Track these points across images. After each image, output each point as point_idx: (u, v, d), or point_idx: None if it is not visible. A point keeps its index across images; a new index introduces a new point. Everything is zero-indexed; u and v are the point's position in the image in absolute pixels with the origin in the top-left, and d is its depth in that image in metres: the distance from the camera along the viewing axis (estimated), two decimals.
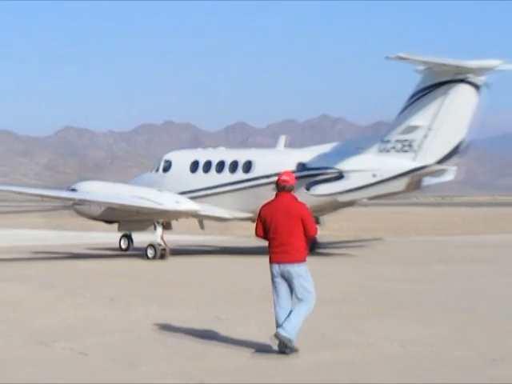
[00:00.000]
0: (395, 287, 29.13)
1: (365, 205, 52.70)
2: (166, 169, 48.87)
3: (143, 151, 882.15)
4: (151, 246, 43.42)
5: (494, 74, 41.62)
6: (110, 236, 54.01)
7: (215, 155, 48.99)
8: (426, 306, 24.47)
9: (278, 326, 17.04)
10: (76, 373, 15.86)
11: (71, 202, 49.35)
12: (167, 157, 50.13)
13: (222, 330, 20.36)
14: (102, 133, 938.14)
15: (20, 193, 61.19)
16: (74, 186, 48.02)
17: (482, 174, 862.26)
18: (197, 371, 15.71)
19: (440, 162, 40.64)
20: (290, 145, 51.43)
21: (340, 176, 42.66)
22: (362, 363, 16.32)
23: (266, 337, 18.99)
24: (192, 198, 46.37)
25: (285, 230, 16.97)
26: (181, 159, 49.61)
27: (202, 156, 49.30)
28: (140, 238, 47.21)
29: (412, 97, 41.79)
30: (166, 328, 20.80)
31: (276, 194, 17.38)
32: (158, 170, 49.59)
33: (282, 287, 17.29)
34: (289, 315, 17.00)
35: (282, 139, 49.12)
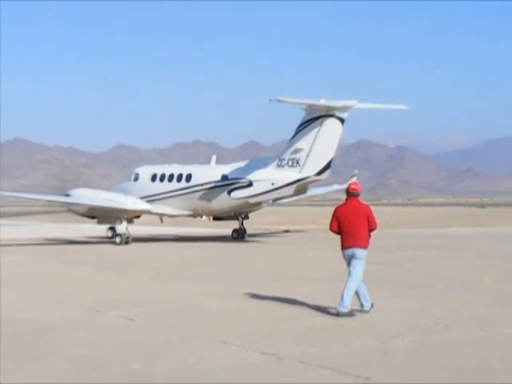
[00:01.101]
0: (372, 268, 29.05)
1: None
2: (136, 179, 52.97)
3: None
4: (118, 235, 47.81)
5: (352, 111, 45.54)
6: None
7: (168, 169, 53.02)
8: (396, 283, 24.46)
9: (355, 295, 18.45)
10: (125, 334, 16.01)
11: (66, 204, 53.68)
12: (136, 170, 54.52)
13: (238, 302, 20.45)
14: (146, 149, 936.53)
15: (22, 197, 65.41)
16: (68, 192, 52.37)
17: (438, 181, 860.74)
18: (219, 333, 15.80)
19: (317, 174, 45.06)
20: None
21: (250, 184, 47.05)
22: (345, 327, 16.34)
23: (275, 307, 19.08)
24: (151, 201, 50.83)
25: (355, 225, 18.44)
26: (145, 172, 53.58)
27: (159, 170, 53.45)
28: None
29: (298, 127, 45.79)
30: (195, 299, 20.97)
31: (346, 199, 18.88)
32: (130, 180, 53.64)
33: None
34: (344, 290, 18.25)
35: (214, 158, 54.12)
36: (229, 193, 47.55)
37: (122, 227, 47.96)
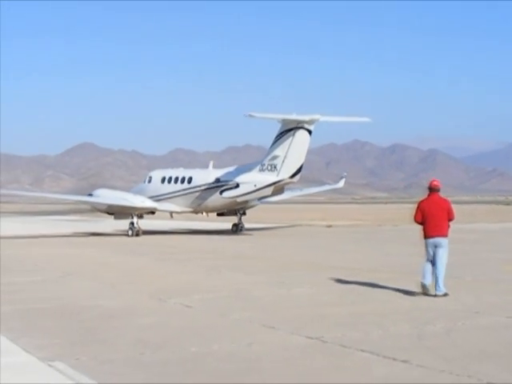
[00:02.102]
0: (405, 260, 28.95)
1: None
2: (149, 181, 56.26)
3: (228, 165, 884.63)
4: (131, 228, 51.19)
5: (317, 124, 48.50)
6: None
7: (175, 173, 55.84)
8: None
9: (424, 278, 19.39)
10: (184, 319, 16.07)
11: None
12: (150, 174, 58.01)
13: (286, 291, 20.43)
14: (202, 153, 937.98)
15: (45, 197, 70.18)
16: (91, 192, 57.19)
17: (467, 180, 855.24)
18: (268, 318, 15.80)
19: (291, 177, 48.21)
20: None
21: (237, 186, 50.19)
22: (382, 313, 16.28)
23: (318, 295, 19.05)
24: (161, 199, 54.07)
25: (437, 217, 19.57)
26: (156, 175, 56.64)
27: (168, 173, 56.13)
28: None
29: (276, 137, 48.67)
30: (246, 288, 20.98)
31: (429, 194, 19.96)
32: (145, 182, 56.87)
33: (431, 252, 19.50)
34: (436, 275, 19.28)
35: (211, 163, 56.46)
36: (221, 193, 51.11)
37: (133, 221, 51.66)
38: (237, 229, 53.63)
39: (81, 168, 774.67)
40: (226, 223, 57.35)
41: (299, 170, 48.03)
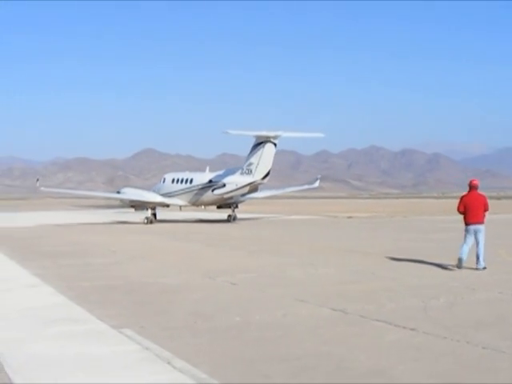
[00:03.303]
0: (415, 245, 28.80)
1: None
2: (164, 181, 58.76)
3: None
4: (146, 217, 54.17)
5: (280, 138, 52.82)
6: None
7: (182, 175, 58.63)
8: (433, 256, 24.05)
9: (462, 255, 20.58)
10: (230, 294, 16.11)
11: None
12: (164, 176, 60.36)
13: (314, 271, 20.43)
14: (244, 157, 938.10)
15: (79, 195, 75.23)
16: (119, 190, 61.79)
17: (465, 179, 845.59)
18: (300, 294, 15.80)
19: (262, 178, 52.31)
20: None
21: (224, 185, 54.02)
22: (394, 289, 16.22)
23: (340, 274, 19.04)
24: (171, 196, 57.05)
25: (476, 208, 21.01)
26: (168, 176, 59.34)
27: (176, 175, 59.05)
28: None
29: (252, 149, 52.62)
30: (282, 268, 20.97)
31: (469, 190, 21.32)
32: (160, 182, 59.24)
33: (471, 236, 20.96)
34: (477, 253, 20.76)
35: (207, 168, 58.50)
36: (212, 191, 54.89)
37: (147, 213, 54.95)
38: (231, 218, 56.10)
39: (144, 170, 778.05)
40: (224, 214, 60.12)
41: (268, 174, 52.70)
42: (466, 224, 21.06)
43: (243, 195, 55.56)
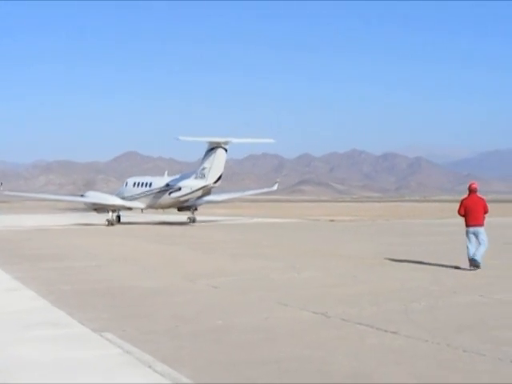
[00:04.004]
0: (396, 249, 28.91)
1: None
2: (126, 185, 61.42)
3: (249, 172, 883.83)
4: (107, 220, 56.21)
5: (231, 144, 55.41)
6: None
7: (142, 179, 60.99)
8: (415, 260, 24.17)
9: (471, 256, 21.17)
10: (211, 297, 16.09)
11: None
12: (127, 180, 62.74)
13: (296, 274, 20.47)
14: (226, 160, 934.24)
15: (44, 199, 79.51)
16: (82, 193, 64.63)
17: (447, 183, 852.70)
18: (281, 297, 15.83)
19: (214, 182, 54.72)
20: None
21: (179, 189, 56.18)
22: (376, 293, 16.27)
23: (322, 278, 19.05)
24: (133, 199, 59.31)
25: (476, 210, 21.65)
26: (130, 180, 61.76)
27: (138, 179, 61.41)
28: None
29: (205, 154, 55.03)
30: (263, 272, 20.96)
31: (469, 194, 21.91)
32: (123, 186, 61.88)
33: (473, 238, 21.53)
34: (476, 252, 21.14)
35: (166, 172, 61.56)
36: (169, 194, 57.00)
37: (108, 215, 57.10)
38: (190, 220, 58.48)
39: (126, 173, 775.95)
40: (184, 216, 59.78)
41: (220, 178, 55.09)
42: (467, 226, 21.73)
43: (199, 198, 57.67)
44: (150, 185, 58.92)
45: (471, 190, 21.93)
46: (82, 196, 63.01)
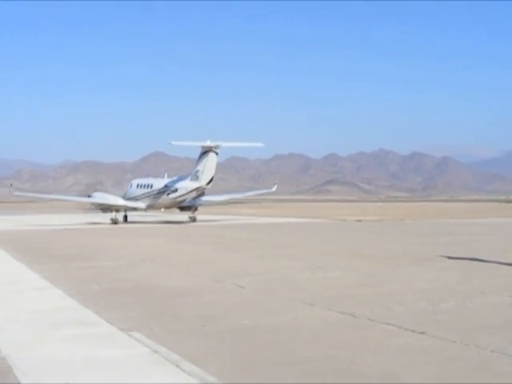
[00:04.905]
0: (423, 249, 28.78)
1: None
2: (131, 186, 65.40)
3: (275, 172, 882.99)
4: (111, 219, 60.43)
5: (221, 148, 59.49)
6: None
7: (145, 181, 65.01)
8: (444, 260, 24.09)
9: None
10: (238, 297, 16.15)
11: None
12: (131, 181, 67.18)
13: (322, 274, 20.43)
14: (253, 159, 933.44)
15: (54, 199, 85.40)
16: (90, 194, 68.76)
17: (474, 183, 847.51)
18: (309, 297, 15.83)
19: (207, 184, 58.62)
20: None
21: (176, 190, 60.12)
22: (403, 293, 16.22)
23: (349, 278, 19.01)
24: (136, 200, 62.93)
25: None
26: (134, 182, 66.05)
27: (141, 181, 65.34)
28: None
29: (199, 157, 59.16)
30: (289, 272, 20.98)
31: None
32: (129, 187, 65.57)
33: None
34: None
35: (166, 174, 64.30)
36: (167, 194, 60.62)
37: (112, 214, 61.23)
38: (191, 220, 61.95)
39: (153, 172, 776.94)
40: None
41: (211, 180, 58.91)
42: None
43: (196, 198, 61.99)
44: (151, 186, 62.81)
45: None
46: (89, 197, 67.20)
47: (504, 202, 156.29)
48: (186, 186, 59.51)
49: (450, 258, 24.96)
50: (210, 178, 58.60)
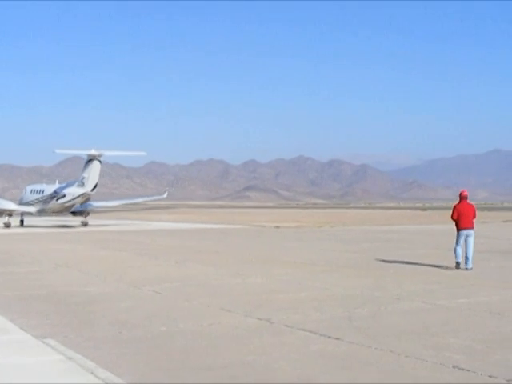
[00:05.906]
0: (340, 256, 29.14)
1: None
2: (25, 192, 67.15)
3: (195, 178, 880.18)
4: (4, 223, 60.71)
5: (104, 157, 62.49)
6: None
7: (38, 187, 66.98)
8: (359, 266, 24.45)
9: (458, 258, 23.59)
10: (155, 304, 16.04)
11: None
12: (26, 187, 68.79)
13: (241, 280, 20.50)
14: (172, 165, 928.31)
15: None
16: None
17: (392, 190, 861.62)
18: (226, 303, 15.85)
19: (91, 190, 60.97)
20: None
21: (64, 195, 61.81)
22: (320, 299, 16.37)
23: (267, 284, 19.11)
24: (30, 204, 64.28)
25: (467, 215, 23.90)
26: (28, 188, 67.87)
27: (34, 187, 67.37)
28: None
29: (84, 164, 61.74)
30: (207, 278, 20.95)
31: (460, 200, 24.06)
32: (23, 192, 67.77)
33: (462, 241, 23.79)
34: (466, 255, 23.45)
35: (57, 181, 66.73)
36: (56, 200, 62.13)
37: (5, 218, 61.86)
38: (82, 224, 64.05)
39: (70, 177, 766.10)
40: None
41: (95, 187, 61.23)
42: (459, 229, 23.93)
43: (83, 203, 63.91)
44: (43, 192, 64.60)
45: (462, 197, 24.06)
46: None
47: (420, 209, 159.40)
48: (72, 191, 61.79)
49: (367, 264, 25.36)
50: (94, 185, 61.28)
